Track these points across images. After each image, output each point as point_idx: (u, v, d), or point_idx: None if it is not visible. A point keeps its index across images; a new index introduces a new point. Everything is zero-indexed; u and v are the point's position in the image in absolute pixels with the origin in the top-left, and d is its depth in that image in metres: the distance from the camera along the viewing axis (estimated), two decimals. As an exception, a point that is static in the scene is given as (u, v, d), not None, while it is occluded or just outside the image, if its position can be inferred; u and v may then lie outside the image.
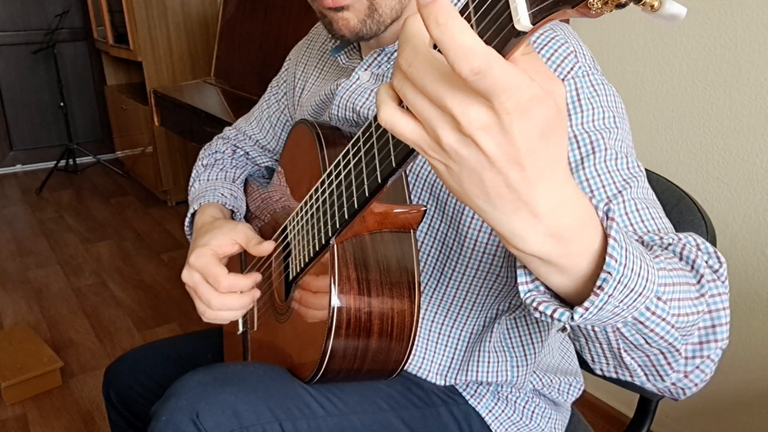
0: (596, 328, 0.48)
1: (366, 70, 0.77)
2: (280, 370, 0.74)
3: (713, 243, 0.81)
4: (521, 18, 0.32)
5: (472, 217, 0.70)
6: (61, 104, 3.86)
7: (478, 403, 0.79)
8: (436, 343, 0.78)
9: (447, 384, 0.79)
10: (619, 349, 0.50)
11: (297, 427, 0.68)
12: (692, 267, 0.52)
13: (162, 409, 0.67)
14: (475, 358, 0.77)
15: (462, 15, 0.35)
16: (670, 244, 0.54)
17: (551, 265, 0.42)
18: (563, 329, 0.49)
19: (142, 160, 3.60)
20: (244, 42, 2.65)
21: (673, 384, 0.53)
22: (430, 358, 0.79)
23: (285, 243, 0.76)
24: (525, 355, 0.79)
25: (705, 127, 1.32)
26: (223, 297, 0.74)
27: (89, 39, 4.16)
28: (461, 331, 0.78)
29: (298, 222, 0.71)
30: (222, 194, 0.92)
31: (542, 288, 0.46)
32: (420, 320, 0.77)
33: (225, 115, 2.24)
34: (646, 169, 0.91)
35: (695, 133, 1.34)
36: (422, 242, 0.75)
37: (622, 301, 0.43)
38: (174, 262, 2.78)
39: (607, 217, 0.43)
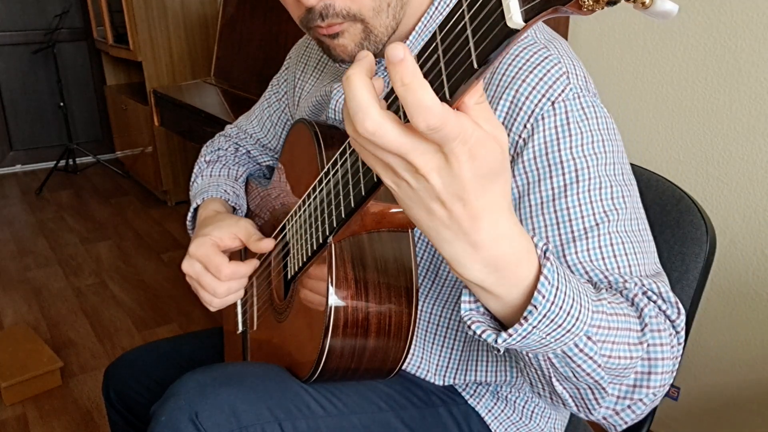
0: (530, 354, 0.52)
1: None
2: (279, 370, 0.74)
3: (713, 243, 0.81)
4: (513, 15, 0.32)
5: None
6: (61, 104, 3.86)
7: (478, 402, 0.79)
8: (433, 343, 0.78)
9: (446, 384, 0.79)
10: (550, 377, 0.53)
11: (296, 426, 0.68)
12: (639, 315, 0.55)
13: (161, 410, 0.67)
14: (474, 357, 0.77)
15: (455, 14, 0.36)
16: (625, 290, 0.57)
17: (487, 291, 0.46)
18: (497, 350, 0.53)
19: (141, 160, 3.60)
20: (244, 42, 2.65)
21: (604, 418, 0.56)
22: (428, 358, 0.79)
23: (284, 242, 0.76)
24: (524, 355, 0.79)
25: (705, 127, 1.32)
26: (228, 284, 0.76)
27: (89, 39, 4.16)
28: (457, 330, 0.78)
29: (296, 221, 0.71)
30: (225, 191, 0.92)
31: (482, 309, 0.50)
32: (418, 319, 0.77)
33: (225, 115, 2.24)
34: (647, 170, 0.91)
35: (695, 133, 1.34)
36: (417, 245, 0.75)
37: (548, 334, 0.46)
38: (174, 262, 2.78)
39: (545, 256, 0.46)
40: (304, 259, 0.68)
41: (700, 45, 1.29)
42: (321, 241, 0.63)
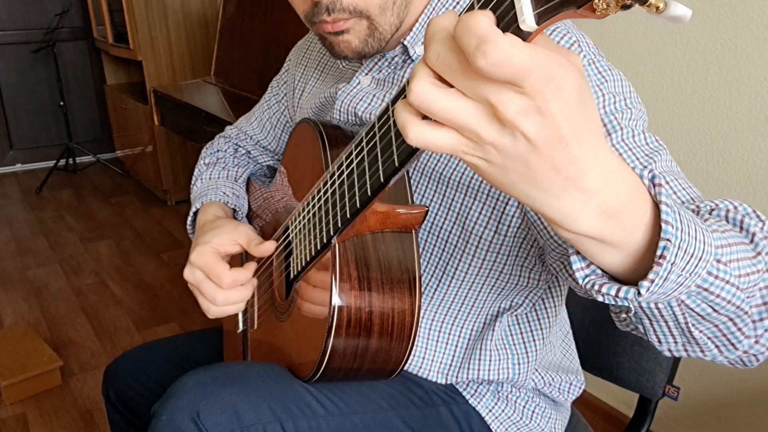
0: (660, 305, 0.46)
1: (367, 74, 0.77)
2: (280, 370, 0.74)
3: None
4: (526, 18, 0.32)
5: (479, 213, 0.70)
6: (61, 103, 3.86)
7: (479, 402, 0.79)
8: (437, 341, 0.78)
9: (448, 382, 0.79)
10: (686, 323, 0.48)
11: (297, 426, 0.68)
12: (741, 227, 0.50)
13: (162, 409, 0.68)
14: (477, 356, 0.77)
15: None
16: (713, 209, 0.52)
17: (605, 243, 0.40)
18: (627, 311, 0.48)
19: (142, 159, 3.60)
20: (244, 41, 2.65)
21: (745, 352, 0.51)
22: (430, 357, 0.79)
23: (287, 242, 0.77)
24: (526, 353, 0.79)
25: (705, 127, 1.32)
26: (227, 293, 0.75)
27: (89, 38, 4.16)
28: (462, 329, 0.78)
29: (300, 221, 0.71)
30: (224, 193, 0.92)
31: (599, 271, 0.44)
32: (420, 320, 0.77)
33: (225, 115, 2.24)
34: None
35: (695, 133, 1.34)
36: (425, 240, 0.75)
37: (683, 268, 0.41)
38: (174, 261, 2.78)
39: (654, 184, 0.41)
40: (308, 259, 0.68)
41: (700, 45, 1.29)
42: (325, 241, 0.63)
